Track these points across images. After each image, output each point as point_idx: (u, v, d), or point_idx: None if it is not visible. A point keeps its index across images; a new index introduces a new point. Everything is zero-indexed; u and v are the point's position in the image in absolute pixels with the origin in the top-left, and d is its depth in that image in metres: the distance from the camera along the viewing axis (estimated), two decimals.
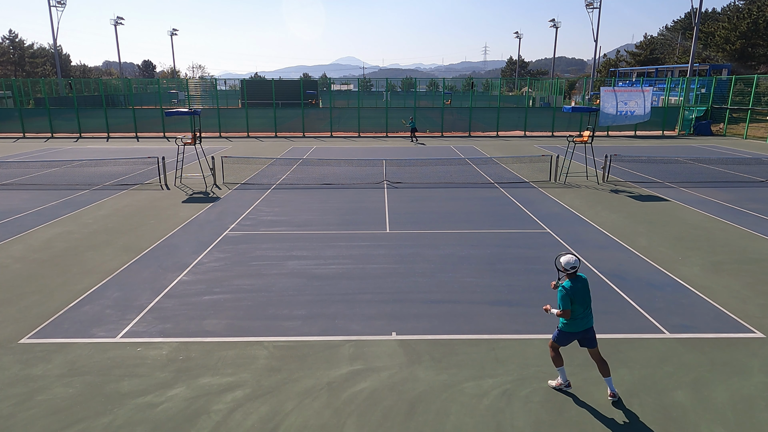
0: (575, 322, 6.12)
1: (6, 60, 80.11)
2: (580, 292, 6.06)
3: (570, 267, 6.07)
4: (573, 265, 6.06)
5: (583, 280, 6.15)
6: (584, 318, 6.14)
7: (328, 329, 8.00)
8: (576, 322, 6.12)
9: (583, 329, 6.16)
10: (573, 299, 6.02)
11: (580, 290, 6.06)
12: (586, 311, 6.14)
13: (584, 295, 6.09)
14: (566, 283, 6.08)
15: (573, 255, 6.17)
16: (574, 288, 6.04)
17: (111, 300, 9.06)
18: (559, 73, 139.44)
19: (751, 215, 14.78)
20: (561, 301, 6.05)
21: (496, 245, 12.06)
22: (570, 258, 6.11)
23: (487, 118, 41.03)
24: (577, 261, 6.09)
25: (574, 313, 6.08)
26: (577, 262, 6.09)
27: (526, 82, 73.36)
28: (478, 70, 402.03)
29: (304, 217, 14.71)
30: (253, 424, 5.80)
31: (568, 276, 6.11)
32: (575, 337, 6.21)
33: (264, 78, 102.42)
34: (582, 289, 6.08)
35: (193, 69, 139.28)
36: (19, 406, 6.12)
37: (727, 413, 5.98)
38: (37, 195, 17.52)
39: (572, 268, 6.06)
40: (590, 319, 6.20)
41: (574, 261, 6.08)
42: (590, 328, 6.20)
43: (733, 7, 69.05)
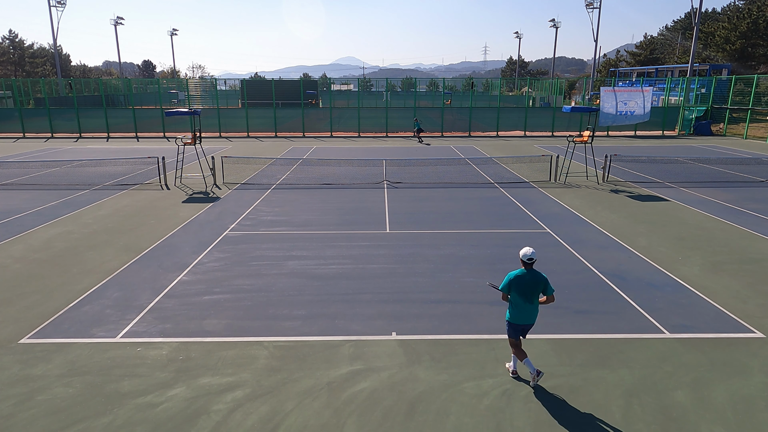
0: (517, 313, 6.41)
1: (6, 60, 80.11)
2: (523, 283, 6.31)
3: (525, 258, 6.32)
4: (529, 256, 6.32)
5: (533, 275, 6.34)
6: (525, 312, 6.39)
7: (328, 329, 8.00)
8: (518, 314, 6.41)
9: (525, 323, 6.46)
10: (512, 287, 6.34)
11: (524, 282, 6.31)
12: (527, 306, 6.36)
13: (526, 288, 6.31)
14: (516, 271, 6.40)
15: (531, 249, 6.38)
16: (520, 278, 6.33)
17: (111, 300, 9.06)
18: (559, 73, 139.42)
19: (751, 215, 14.78)
20: (503, 282, 6.43)
21: (496, 245, 12.05)
22: (527, 250, 6.36)
23: (487, 118, 41.03)
24: (533, 254, 6.33)
25: (514, 303, 6.39)
26: (533, 255, 6.32)
27: (526, 82, 73.36)
28: (478, 70, 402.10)
29: (304, 217, 14.70)
30: (253, 424, 5.80)
31: (524, 265, 6.36)
32: (520, 328, 6.50)
33: (264, 78, 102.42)
34: (527, 283, 6.31)
35: (193, 69, 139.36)
36: (19, 406, 6.12)
37: (727, 413, 5.98)
38: (37, 195, 17.52)
39: (528, 259, 6.31)
40: (534, 316, 6.46)
41: (531, 253, 6.33)
42: (529, 325, 6.52)
43: (733, 7, 69.04)
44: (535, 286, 6.34)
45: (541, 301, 6.44)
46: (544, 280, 6.38)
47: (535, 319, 6.50)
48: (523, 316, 6.42)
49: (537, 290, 6.36)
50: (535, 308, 6.44)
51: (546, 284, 6.37)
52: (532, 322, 6.50)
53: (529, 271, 6.35)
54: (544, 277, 6.39)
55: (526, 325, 6.49)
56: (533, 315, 6.45)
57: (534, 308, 6.42)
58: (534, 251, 6.36)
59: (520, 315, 6.41)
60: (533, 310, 6.42)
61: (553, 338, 7.69)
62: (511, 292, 6.38)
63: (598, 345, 7.49)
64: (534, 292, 6.35)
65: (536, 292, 6.37)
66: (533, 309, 6.41)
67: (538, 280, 6.35)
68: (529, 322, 6.48)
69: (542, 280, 6.37)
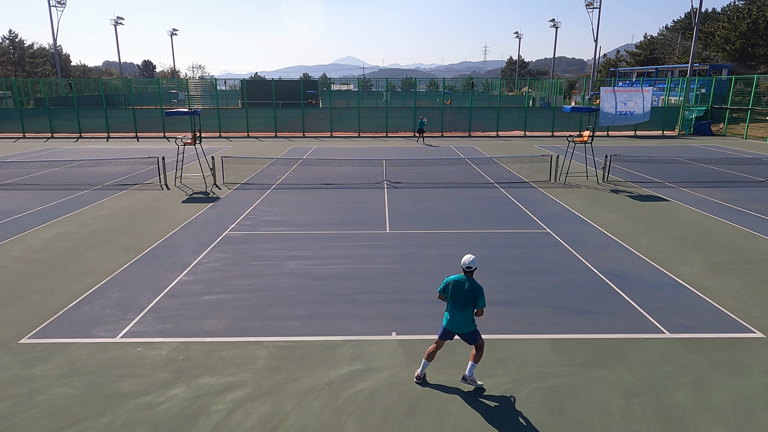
0: (449, 318, 6.35)
1: (6, 60, 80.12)
2: (455, 289, 6.26)
3: (464, 265, 6.30)
4: (468, 264, 6.29)
5: (468, 283, 6.24)
6: (455, 319, 6.29)
7: (328, 329, 8.00)
8: (449, 318, 6.34)
9: (454, 330, 6.34)
10: (446, 290, 6.34)
11: (456, 288, 6.26)
12: (455, 312, 6.27)
13: (457, 295, 6.25)
14: (454, 276, 6.39)
15: (472, 256, 6.32)
16: (454, 282, 6.29)
17: (111, 300, 9.06)
18: (559, 73, 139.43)
19: (751, 215, 14.78)
20: (441, 284, 6.46)
21: (496, 245, 12.05)
22: (467, 258, 6.31)
23: (487, 118, 41.04)
24: (472, 262, 6.27)
25: (448, 306, 6.36)
26: (472, 263, 6.27)
27: (526, 82, 73.37)
28: (478, 70, 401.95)
29: (304, 217, 14.70)
30: (253, 424, 5.80)
31: (464, 272, 6.32)
32: (449, 333, 6.40)
33: (264, 78, 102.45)
34: (459, 290, 6.24)
35: (193, 69, 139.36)
36: (19, 406, 6.12)
37: (727, 413, 5.98)
38: (37, 195, 17.52)
39: (467, 267, 6.29)
40: (464, 325, 6.29)
41: (470, 261, 6.27)
42: (463, 334, 6.35)
43: (733, 7, 69.05)
44: (465, 294, 6.21)
45: (475, 313, 6.31)
46: (479, 291, 6.22)
47: (464, 330, 6.30)
48: (452, 323, 6.32)
49: (467, 300, 6.21)
50: (466, 318, 6.25)
51: (479, 296, 6.21)
52: (463, 332, 6.32)
53: (466, 279, 6.27)
54: (476, 288, 6.23)
55: (460, 333, 6.34)
56: (465, 326, 6.28)
57: (465, 320, 6.26)
58: (473, 259, 6.29)
59: (451, 320, 6.32)
60: (464, 320, 6.26)
61: (553, 338, 7.69)
62: (447, 297, 6.34)
63: (598, 345, 7.49)
64: (462, 300, 6.22)
65: (465, 301, 6.21)
66: (463, 318, 6.26)
67: (469, 288, 6.22)
68: (462, 332, 6.32)
69: (471, 288, 6.22)
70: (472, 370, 6.39)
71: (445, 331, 6.42)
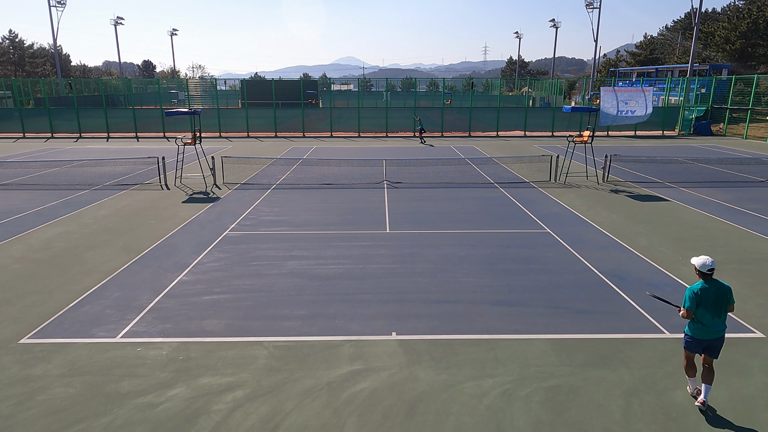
0: (703, 327, 5.92)
1: (6, 60, 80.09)
2: (706, 295, 5.83)
3: (705, 268, 5.85)
4: (710, 267, 5.85)
5: (717, 286, 5.88)
6: (713, 325, 5.90)
7: (328, 329, 8.00)
8: (705, 327, 5.92)
9: (711, 337, 5.93)
10: (696, 300, 5.84)
11: (707, 294, 5.83)
12: (711, 318, 5.88)
13: (711, 301, 5.83)
14: (696, 285, 5.93)
15: (710, 258, 5.94)
16: (702, 290, 5.83)
17: (111, 300, 9.06)
18: (559, 73, 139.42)
19: (751, 215, 14.78)
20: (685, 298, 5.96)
21: (496, 245, 12.05)
22: (707, 260, 5.90)
23: (487, 118, 41.03)
24: (713, 263, 5.88)
25: (701, 317, 5.90)
26: (713, 264, 5.89)
27: (526, 82, 73.36)
28: (478, 70, 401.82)
29: (304, 217, 14.70)
30: (253, 424, 5.80)
31: (703, 276, 5.90)
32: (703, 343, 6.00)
33: (264, 78, 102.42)
34: (710, 295, 5.84)
35: (193, 69, 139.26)
36: (19, 406, 6.12)
37: (727, 413, 5.98)
38: (37, 195, 17.52)
39: (709, 270, 5.85)
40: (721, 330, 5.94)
41: (711, 263, 5.87)
42: (718, 339, 5.97)
43: (733, 7, 69.03)
44: (722, 297, 5.82)
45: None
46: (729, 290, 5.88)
47: (722, 334, 5.95)
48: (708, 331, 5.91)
49: (724, 303, 5.84)
50: (722, 322, 5.89)
51: (731, 294, 5.88)
52: (717, 337, 5.95)
53: (710, 282, 5.86)
54: (727, 286, 5.91)
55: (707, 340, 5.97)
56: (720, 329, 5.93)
57: (721, 321, 5.89)
58: (713, 260, 5.88)
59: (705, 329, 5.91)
60: (721, 324, 5.91)
61: (553, 338, 7.69)
62: (697, 308, 5.87)
63: (598, 345, 7.49)
64: (721, 305, 5.84)
65: (724, 305, 5.84)
66: (721, 323, 5.89)
67: (724, 290, 5.84)
68: (714, 337, 5.94)
69: (727, 290, 5.87)
70: (708, 393, 5.98)
71: (701, 343, 5.98)
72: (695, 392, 6.22)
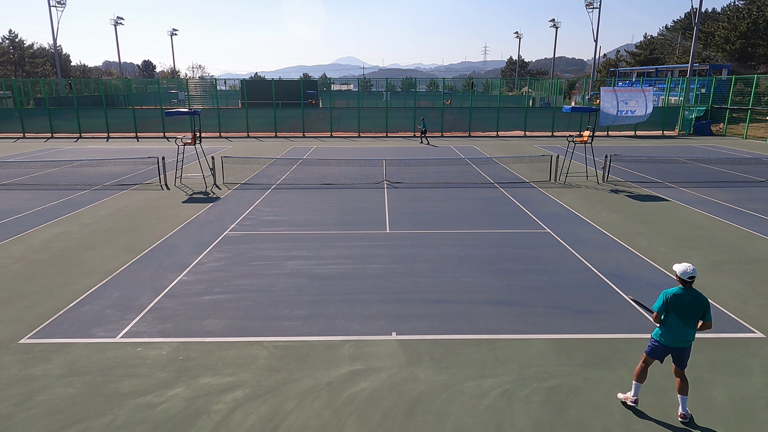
0: (668, 333, 5.84)
1: (6, 60, 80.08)
2: (677, 302, 5.76)
3: (686, 276, 5.77)
4: (691, 274, 5.75)
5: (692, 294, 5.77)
6: (679, 333, 5.80)
7: (328, 329, 8.00)
8: (669, 333, 5.84)
9: (675, 345, 5.84)
10: (665, 305, 5.78)
11: (678, 300, 5.76)
12: (679, 326, 5.79)
13: (681, 309, 5.75)
14: (672, 289, 5.87)
15: (692, 265, 5.83)
16: (674, 296, 5.76)
17: (111, 300, 9.06)
18: (559, 73, 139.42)
19: (751, 215, 14.78)
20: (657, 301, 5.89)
21: (496, 245, 12.05)
22: (687, 267, 5.81)
23: (487, 118, 41.04)
24: (694, 270, 5.79)
25: (670, 322, 5.82)
26: (694, 272, 5.78)
27: (526, 82, 73.36)
28: (478, 70, 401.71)
29: (304, 217, 14.70)
30: (253, 424, 5.80)
31: (683, 282, 5.82)
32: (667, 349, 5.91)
33: (264, 78, 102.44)
34: (682, 302, 5.75)
35: (193, 69, 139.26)
36: (19, 406, 6.12)
37: (727, 413, 5.98)
38: (37, 195, 17.52)
39: (689, 277, 5.75)
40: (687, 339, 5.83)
41: (692, 271, 5.77)
42: (682, 349, 5.86)
43: (733, 7, 69.04)
44: (696, 308, 5.71)
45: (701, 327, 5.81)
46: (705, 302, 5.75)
47: (686, 344, 5.84)
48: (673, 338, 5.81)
49: (697, 314, 5.72)
50: (691, 332, 5.77)
51: (707, 308, 5.73)
52: (680, 346, 5.83)
53: (688, 290, 5.76)
54: (705, 300, 5.77)
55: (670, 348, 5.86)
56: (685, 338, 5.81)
57: (689, 332, 5.77)
58: (695, 268, 5.76)
59: (669, 335, 5.82)
60: (690, 334, 5.79)
61: (553, 338, 7.69)
62: (669, 314, 5.77)
63: (598, 345, 7.49)
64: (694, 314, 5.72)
65: (696, 316, 5.73)
66: (689, 332, 5.77)
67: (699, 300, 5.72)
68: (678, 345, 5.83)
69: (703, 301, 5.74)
70: (686, 405, 5.87)
71: (665, 349, 5.88)
72: (634, 400, 6.01)
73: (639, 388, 6.05)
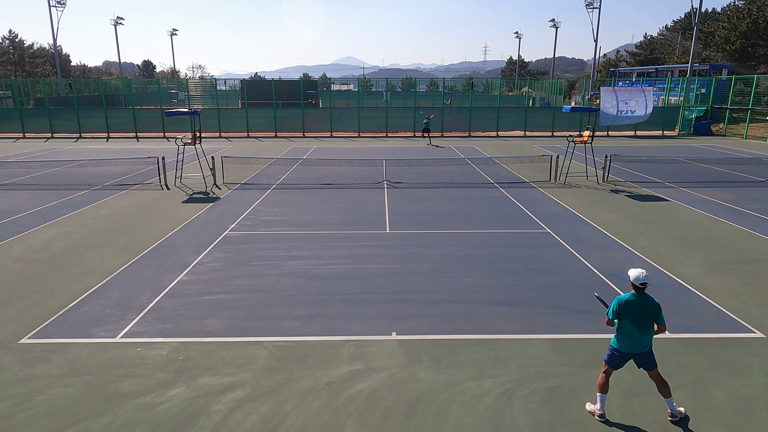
0: (625, 340, 5.80)
1: (6, 60, 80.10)
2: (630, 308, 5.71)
3: (638, 282, 5.70)
4: (642, 280, 5.68)
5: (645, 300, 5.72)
6: (635, 339, 5.77)
7: (328, 329, 8.00)
8: (626, 340, 5.80)
9: (632, 351, 5.80)
10: (618, 312, 5.76)
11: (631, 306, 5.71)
12: (634, 332, 5.75)
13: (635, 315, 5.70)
14: (625, 295, 5.81)
15: (645, 271, 5.75)
16: (627, 302, 5.71)
17: (111, 300, 9.06)
18: (559, 73, 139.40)
19: (751, 215, 14.78)
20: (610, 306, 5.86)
21: (496, 245, 12.05)
22: (640, 273, 5.72)
23: (487, 118, 41.04)
24: (646, 277, 5.70)
25: (624, 329, 5.80)
26: (647, 278, 5.70)
27: (526, 82, 73.36)
28: (478, 70, 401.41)
29: (304, 217, 14.70)
30: (253, 424, 5.80)
31: (636, 288, 5.75)
32: (626, 357, 5.87)
33: (264, 78, 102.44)
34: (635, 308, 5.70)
35: (193, 69, 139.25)
36: (19, 406, 6.12)
37: (727, 413, 5.98)
38: (37, 195, 17.52)
39: (641, 283, 5.69)
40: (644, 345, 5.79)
41: (644, 277, 5.69)
42: (641, 354, 5.82)
43: (733, 7, 69.05)
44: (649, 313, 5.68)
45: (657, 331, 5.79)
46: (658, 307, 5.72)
47: (643, 349, 5.78)
48: (630, 345, 5.77)
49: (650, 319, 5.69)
50: (648, 338, 5.73)
51: (659, 312, 5.71)
52: (638, 352, 5.80)
53: (640, 296, 5.71)
54: (657, 304, 5.73)
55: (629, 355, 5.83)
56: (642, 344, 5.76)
57: (647, 337, 5.73)
58: (648, 274, 5.72)
59: (626, 343, 5.78)
60: (646, 340, 5.75)
61: (553, 338, 7.69)
62: (623, 320, 5.75)
63: (598, 345, 7.49)
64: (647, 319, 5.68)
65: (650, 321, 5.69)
66: (646, 338, 5.74)
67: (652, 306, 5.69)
68: (635, 351, 5.80)
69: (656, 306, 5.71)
70: (673, 404, 5.84)
71: (623, 356, 5.84)
72: (600, 414, 5.84)
73: (604, 399, 5.90)
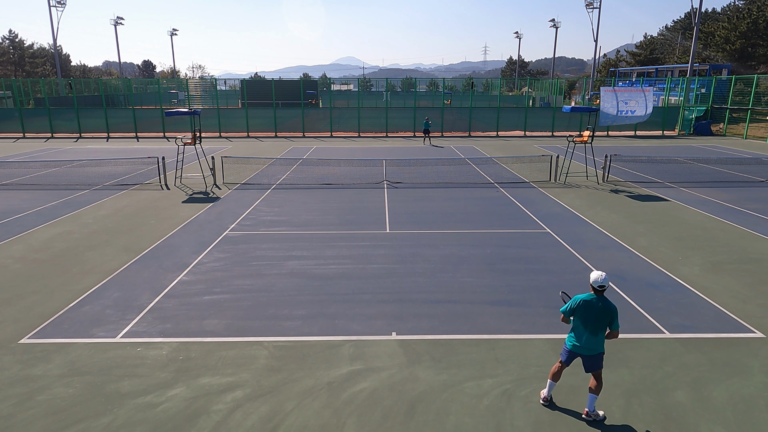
0: (575, 340, 5.85)
1: (6, 60, 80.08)
2: (585, 309, 5.74)
3: (596, 284, 5.73)
4: (600, 283, 5.71)
5: (601, 303, 5.74)
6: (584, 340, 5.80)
7: (328, 329, 8.00)
8: (576, 340, 5.86)
9: (580, 352, 5.85)
10: (573, 310, 5.81)
11: (587, 308, 5.74)
12: (585, 334, 5.78)
13: (588, 317, 5.74)
14: (584, 295, 5.86)
15: (604, 273, 5.79)
16: (584, 302, 5.75)
17: (111, 300, 9.06)
18: (559, 73, 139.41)
19: (751, 215, 14.78)
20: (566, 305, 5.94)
21: (496, 245, 12.05)
22: (599, 275, 5.76)
23: (487, 118, 41.04)
24: (605, 280, 5.71)
25: (575, 328, 5.85)
26: (605, 281, 5.71)
27: (526, 82, 73.35)
28: (478, 70, 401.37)
29: (304, 217, 14.70)
30: (253, 424, 5.80)
31: (594, 291, 5.79)
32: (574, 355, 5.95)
33: (264, 78, 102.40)
34: (590, 310, 5.73)
35: (193, 69, 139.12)
36: (19, 406, 6.12)
37: (727, 413, 5.98)
38: (37, 195, 17.52)
39: (599, 286, 5.72)
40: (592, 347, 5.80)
41: (602, 280, 5.71)
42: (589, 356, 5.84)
43: (733, 7, 69.03)
44: (603, 317, 5.68)
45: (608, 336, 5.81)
46: (614, 311, 5.72)
47: (592, 352, 5.79)
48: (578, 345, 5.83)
49: (602, 321, 5.69)
50: (598, 340, 5.75)
51: (615, 317, 5.71)
52: (585, 354, 5.82)
53: (599, 298, 5.74)
54: (614, 308, 5.72)
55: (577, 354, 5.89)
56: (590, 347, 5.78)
57: (596, 340, 5.75)
58: (607, 276, 5.75)
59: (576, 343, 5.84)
60: (594, 342, 5.76)
61: (553, 338, 7.69)
62: (575, 319, 5.79)
63: None
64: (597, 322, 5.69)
65: (601, 323, 5.70)
66: (594, 341, 5.75)
67: (608, 309, 5.69)
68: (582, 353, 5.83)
69: (612, 310, 5.71)
70: (593, 403, 5.85)
71: (570, 354, 5.92)
72: (547, 398, 6.06)
73: (552, 387, 6.11)
